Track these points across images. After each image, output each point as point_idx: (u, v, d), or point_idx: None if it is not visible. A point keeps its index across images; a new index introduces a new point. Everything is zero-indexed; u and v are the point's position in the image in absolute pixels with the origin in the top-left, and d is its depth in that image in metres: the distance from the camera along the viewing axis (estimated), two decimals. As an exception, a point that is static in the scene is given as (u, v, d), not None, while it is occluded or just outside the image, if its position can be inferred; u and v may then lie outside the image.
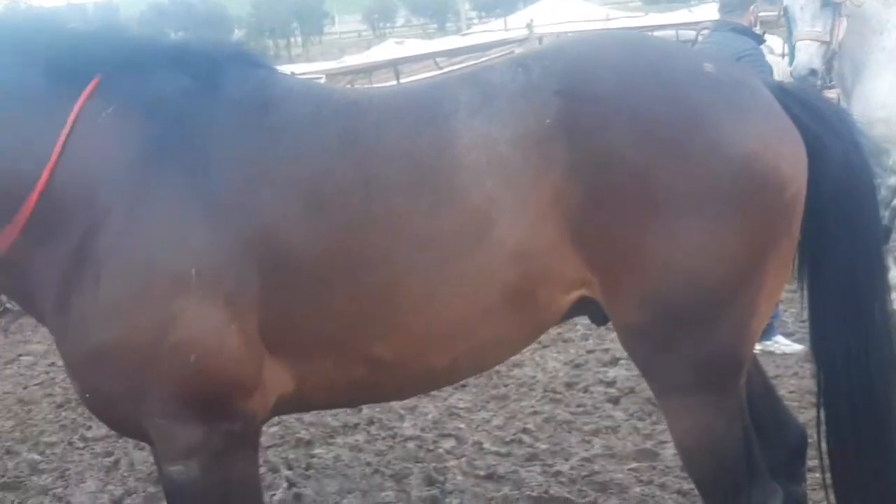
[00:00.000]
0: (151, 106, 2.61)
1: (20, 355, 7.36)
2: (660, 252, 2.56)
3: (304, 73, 27.47)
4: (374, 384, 2.74)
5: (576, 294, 2.69)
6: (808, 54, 6.21)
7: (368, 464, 4.96)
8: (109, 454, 5.26)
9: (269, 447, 5.26)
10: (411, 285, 2.60)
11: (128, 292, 2.49)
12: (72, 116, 2.55)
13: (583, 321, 6.79)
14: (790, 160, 2.63)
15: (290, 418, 5.63)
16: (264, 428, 5.47)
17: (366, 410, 5.66)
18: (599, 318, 2.86)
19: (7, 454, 5.50)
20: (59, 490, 4.96)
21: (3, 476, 5.19)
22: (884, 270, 2.91)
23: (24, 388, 6.66)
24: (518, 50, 23.35)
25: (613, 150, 2.55)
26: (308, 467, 4.99)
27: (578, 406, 5.48)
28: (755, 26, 6.21)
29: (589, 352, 6.33)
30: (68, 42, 2.65)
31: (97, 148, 2.56)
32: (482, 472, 4.72)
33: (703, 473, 2.78)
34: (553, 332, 6.80)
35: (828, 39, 6.23)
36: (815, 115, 2.73)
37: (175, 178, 2.54)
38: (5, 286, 2.76)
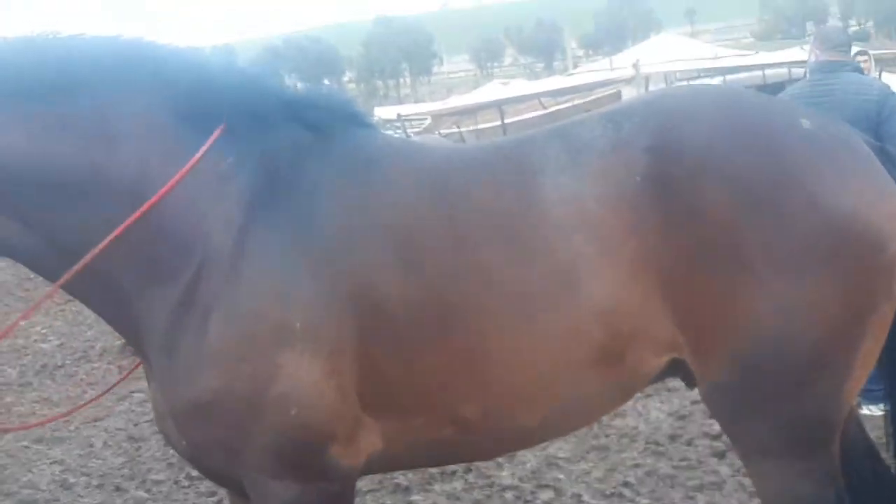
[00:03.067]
0: (266, 157, 2.66)
1: (132, 392, 7.58)
2: (751, 312, 2.48)
3: (411, 113, 28.04)
4: (462, 444, 2.72)
5: (666, 357, 2.63)
6: None
7: (466, 515, 4.92)
8: (213, 493, 5.36)
9: (367, 492, 5.28)
10: (499, 340, 2.59)
11: (233, 342, 2.52)
12: (193, 159, 2.60)
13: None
14: (890, 219, 2.52)
15: (388, 463, 5.65)
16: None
17: (464, 457, 5.63)
18: (692, 380, 2.78)
19: (116, 490, 5.68)
20: (163, 529, 5.08)
21: (112, 513, 5.35)
22: None
23: (135, 424, 6.87)
24: (624, 89, 23.24)
25: (705, 208, 2.50)
26: (405, 515, 4.99)
27: (682, 460, 5.34)
28: None
29: (694, 402, 6.16)
30: (204, 85, 2.69)
31: (212, 194, 2.61)
32: (581, 527, 4.64)
33: None
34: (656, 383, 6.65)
35: None
36: None
37: (282, 229, 2.58)
38: (115, 318, 2.78)
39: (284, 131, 2.71)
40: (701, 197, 2.50)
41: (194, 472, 5.76)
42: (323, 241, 2.59)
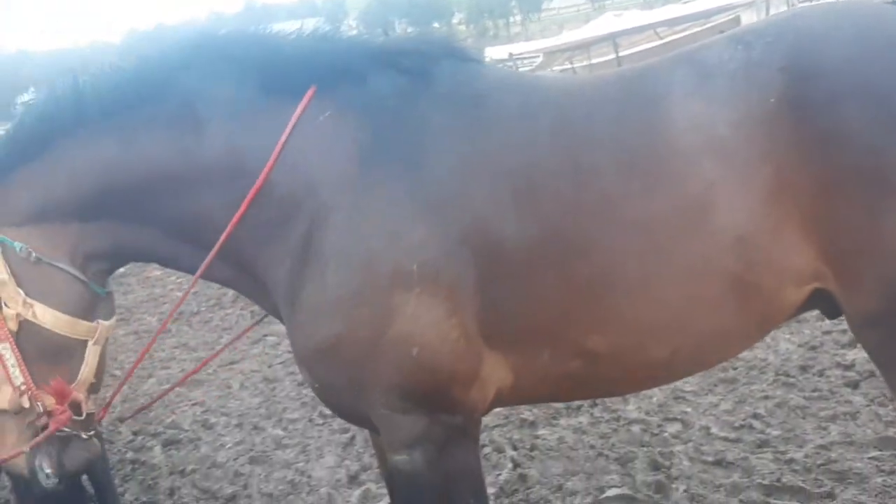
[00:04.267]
0: (366, 107, 2.69)
1: (265, 335, 7.88)
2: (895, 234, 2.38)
3: (522, 52, 27.67)
4: (591, 377, 2.72)
5: (808, 288, 2.55)
6: None
7: (592, 446, 4.96)
8: (346, 430, 5.55)
9: (494, 427, 5.37)
10: (625, 273, 2.55)
11: (350, 287, 2.59)
12: (290, 124, 2.67)
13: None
14: None
15: (514, 399, 5.72)
16: (490, 408, 5.62)
17: (589, 392, 5.65)
18: (832, 312, 2.70)
19: (255, 429, 5.94)
20: (300, 464, 5.30)
21: (252, 450, 5.60)
22: None
23: (269, 366, 7.14)
24: (744, 14, 22.35)
25: (845, 129, 2.40)
26: (533, 448, 5.05)
27: (814, 390, 5.23)
28: None
29: (825, 333, 6.01)
30: (283, 59, 2.77)
31: (315, 150, 2.67)
32: (710, 458, 4.61)
33: None
34: (785, 311, 6.51)
35: None
36: None
37: (391, 174, 2.62)
38: (245, 288, 2.93)
39: (381, 80, 2.73)
40: (841, 119, 2.41)
41: (327, 411, 5.97)
42: (434, 183, 2.60)
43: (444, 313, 2.56)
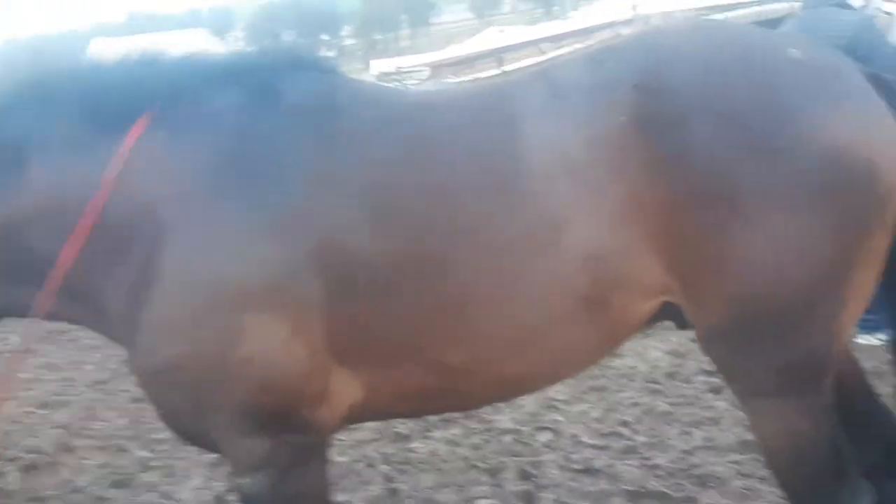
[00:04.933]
0: (204, 126, 2.62)
1: (135, 354, 7.61)
2: (744, 252, 2.43)
3: (409, 66, 27.76)
4: (447, 393, 2.69)
5: (657, 301, 2.58)
6: None
7: (465, 458, 4.95)
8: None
9: (368, 442, 5.31)
10: (482, 292, 2.54)
11: (192, 307, 2.51)
12: (122, 149, 2.58)
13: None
14: (885, 149, 2.45)
15: (388, 413, 5.68)
16: (363, 424, 5.55)
17: (463, 404, 5.65)
18: (683, 322, 2.74)
19: (119, 451, 5.71)
20: (166, 487, 5.12)
21: (115, 473, 5.39)
22: None
23: (138, 385, 6.88)
24: (624, 32, 22.93)
25: (693, 147, 2.42)
26: (405, 462, 5.01)
27: (679, 396, 5.35)
28: None
29: (692, 340, 6.11)
30: (111, 88, 2.69)
31: (150, 174, 2.59)
32: (578, 466, 4.66)
33: (789, 477, 2.65)
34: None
35: None
36: None
37: (234, 191, 2.55)
38: (95, 323, 2.81)
39: (220, 98, 2.66)
40: (688, 138, 2.43)
41: (196, 430, 5.82)
42: (281, 199, 2.53)
43: (290, 332, 2.50)
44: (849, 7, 5.55)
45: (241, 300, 2.48)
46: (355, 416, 2.73)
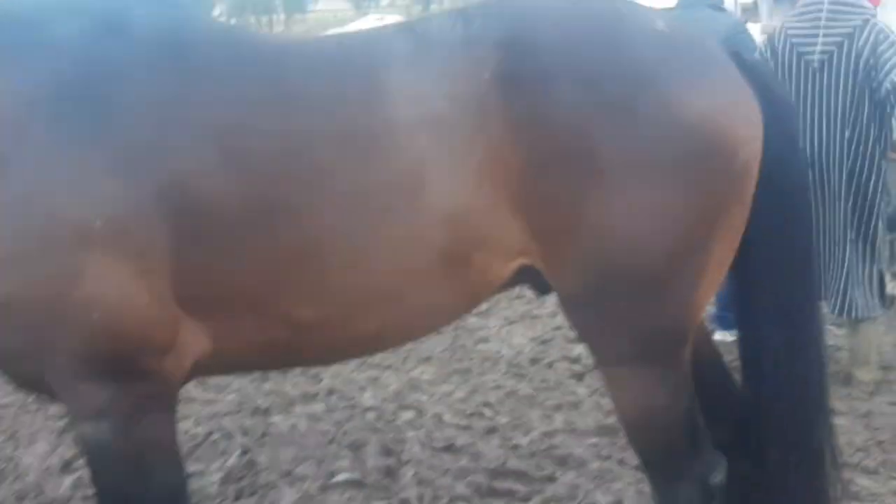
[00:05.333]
0: (46, 53, 2.45)
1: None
2: (602, 218, 2.44)
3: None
4: (298, 347, 2.61)
5: (516, 263, 2.57)
6: None
7: (325, 433, 4.88)
8: (63, 417, 5.14)
9: (225, 415, 5.17)
10: (336, 245, 2.46)
11: (25, 242, 2.35)
12: None
13: (552, 298, 6.76)
14: (744, 123, 2.53)
15: (248, 386, 5.55)
16: (222, 396, 5.41)
17: (326, 381, 5.58)
18: (542, 287, 2.76)
19: (-43, 414, 5.39)
20: (8, 451, 4.85)
21: (-49, 436, 5.08)
22: (813, 270, 2.87)
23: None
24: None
25: (554, 109, 2.42)
26: (264, 434, 4.90)
27: (542, 381, 5.42)
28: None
29: (556, 328, 6.27)
30: None
31: None
32: (440, 444, 4.66)
33: (645, 445, 2.71)
34: (521, 308, 6.75)
35: None
36: (765, 92, 2.63)
37: (76, 122, 2.38)
38: None
39: (62, 27, 2.48)
40: (552, 97, 2.42)
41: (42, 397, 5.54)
42: (126, 133, 2.39)
43: (131, 275, 2.36)
44: (723, 10, 5.75)
45: (78, 239, 2.33)
46: (203, 368, 2.60)
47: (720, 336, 5.29)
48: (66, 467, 4.60)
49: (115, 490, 2.55)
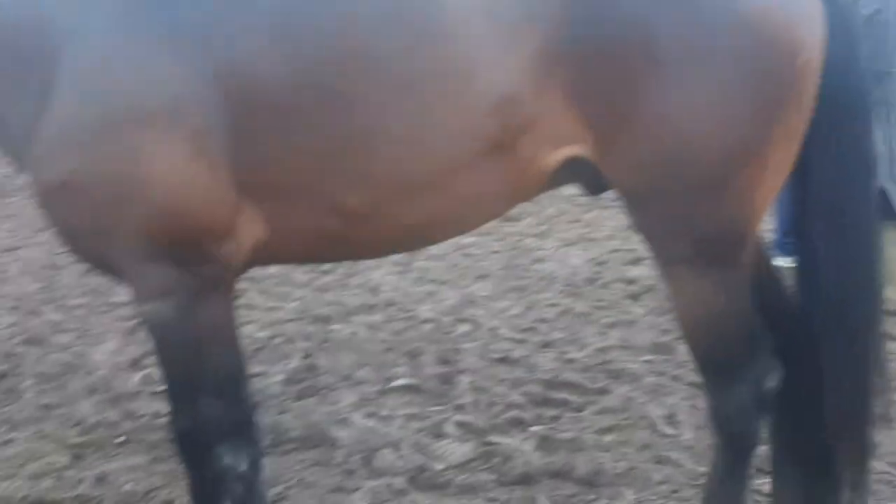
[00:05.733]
0: None
1: (49, 225, 7.43)
2: (657, 109, 2.43)
3: None
4: (349, 237, 2.66)
5: (565, 150, 2.56)
6: None
7: (384, 341, 5.00)
8: (131, 318, 5.32)
9: (287, 321, 5.31)
10: (386, 131, 2.48)
11: (89, 120, 2.42)
12: None
13: (609, 222, 6.77)
14: (806, 24, 2.48)
15: (309, 296, 5.69)
16: (284, 304, 5.56)
17: (385, 293, 5.69)
18: (594, 187, 2.77)
19: (31, 314, 5.61)
20: (79, 348, 5.06)
21: (26, 332, 5.29)
22: (872, 187, 2.80)
23: (53, 254, 6.74)
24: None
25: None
26: (325, 341, 5.04)
27: (597, 301, 5.47)
28: None
29: (612, 251, 6.29)
30: None
31: None
32: (496, 356, 4.74)
33: (702, 347, 2.72)
34: (578, 231, 6.78)
35: None
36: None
37: (137, 4, 2.45)
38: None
39: None
40: None
41: (113, 298, 5.74)
42: (187, 16, 2.45)
43: (190, 156, 2.43)
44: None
45: (141, 118, 2.40)
46: (260, 256, 2.67)
47: (780, 262, 5.26)
48: (135, 364, 4.79)
49: (178, 371, 2.67)
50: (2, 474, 3.87)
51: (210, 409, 2.65)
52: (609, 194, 2.83)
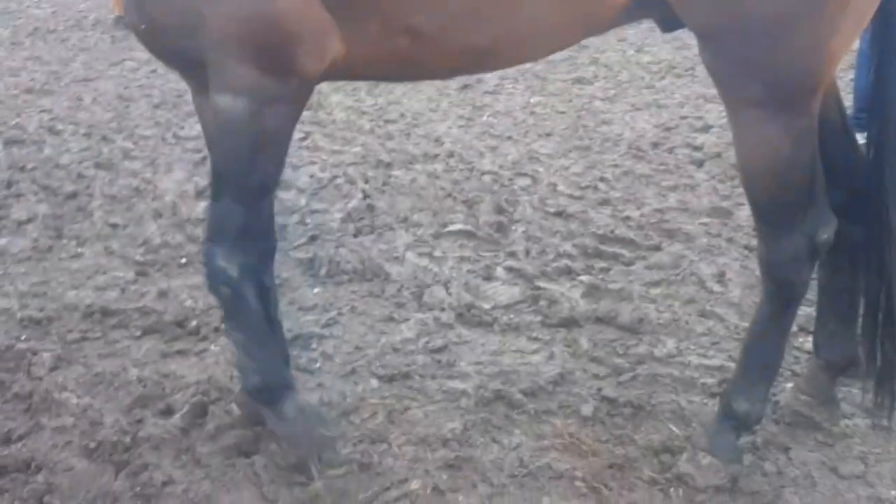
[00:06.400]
0: None
1: (124, 59, 7.54)
2: None
3: None
4: (417, 57, 2.69)
5: None
6: None
7: (443, 189, 5.04)
8: (199, 150, 5.43)
9: (349, 164, 5.38)
10: None
11: None
12: None
13: (682, 90, 6.64)
14: None
15: (373, 142, 5.74)
16: (347, 148, 5.62)
17: (447, 144, 5.71)
18: (667, 23, 2.73)
19: (103, 140, 5.76)
20: (147, 175, 5.20)
21: (98, 157, 5.45)
22: None
23: (125, 87, 6.86)
24: None
25: None
26: (385, 184, 5.10)
27: (661, 164, 5.41)
28: None
29: (682, 117, 6.18)
30: None
31: None
32: (552, 210, 4.76)
33: (760, 193, 2.70)
34: (649, 97, 6.66)
35: None
36: None
37: None
38: None
39: None
40: None
41: (182, 131, 5.86)
42: None
43: None
44: None
45: None
46: (336, 71, 2.71)
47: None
48: (201, 193, 4.92)
49: (225, 163, 2.72)
50: (70, 284, 4.07)
51: (227, 210, 2.72)
52: (684, 63, 2.80)
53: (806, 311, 3.48)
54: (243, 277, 2.76)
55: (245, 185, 2.69)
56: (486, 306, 3.85)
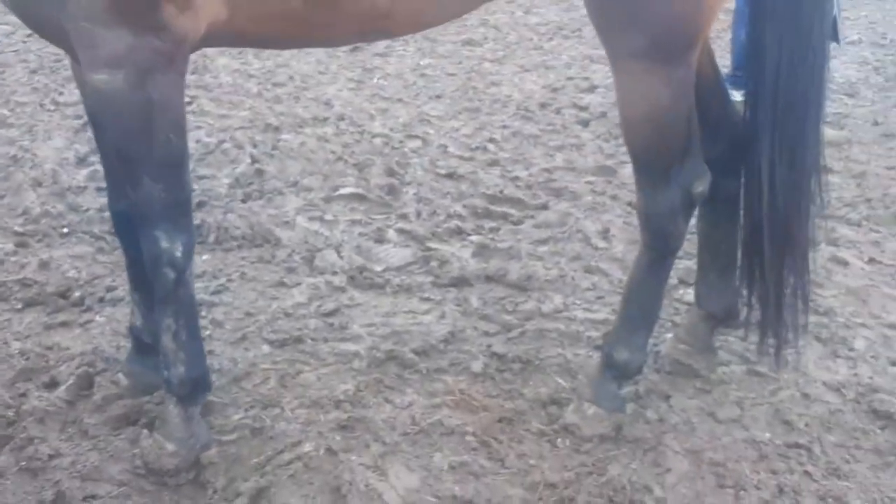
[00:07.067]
0: None
1: (-3, 24, 7.24)
2: None
3: None
4: (310, 20, 2.64)
5: None
6: None
7: (333, 152, 5.02)
8: (79, 117, 5.26)
9: (237, 129, 5.30)
10: None
11: None
12: None
13: (569, 52, 6.72)
14: None
15: (261, 105, 5.66)
16: (234, 112, 5.53)
17: (337, 107, 5.68)
18: None
19: (-24, 109, 5.54)
20: (25, 143, 5.03)
21: (-29, 126, 5.25)
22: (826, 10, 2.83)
23: (0, 53, 6.59)
24: None
25: None
26: (274, 148, 5.05)
27: (548, 124, 5.50)
28: None
29: (569, 78, 6.28)
30: None
31: None
32: (443, 171, 4.80)
33: (640, 143, 2.79)
34: (537, 58, 6.74)
35: None
36: None
37: None
38: None
39: None
40: None
41: (60, 98, 5.67)
42: None
43: None
44: None
45: None
46: (217, 36, 2.62)
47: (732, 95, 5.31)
48: (82, 161, 4.80)
49: (120, 147, 2.63)
50: (-57, 255, 3.92)
51: (149, 191, 2.65)
52: (572, 24, 2.83)
53: (686, 264, 3.62)
54: (186, 257, 2.68)
55: (154, 162, 2.59)
56: (378, 269, 3.87)
